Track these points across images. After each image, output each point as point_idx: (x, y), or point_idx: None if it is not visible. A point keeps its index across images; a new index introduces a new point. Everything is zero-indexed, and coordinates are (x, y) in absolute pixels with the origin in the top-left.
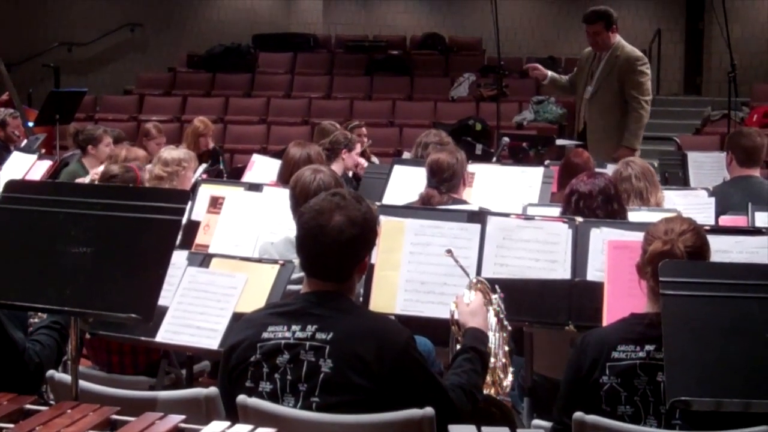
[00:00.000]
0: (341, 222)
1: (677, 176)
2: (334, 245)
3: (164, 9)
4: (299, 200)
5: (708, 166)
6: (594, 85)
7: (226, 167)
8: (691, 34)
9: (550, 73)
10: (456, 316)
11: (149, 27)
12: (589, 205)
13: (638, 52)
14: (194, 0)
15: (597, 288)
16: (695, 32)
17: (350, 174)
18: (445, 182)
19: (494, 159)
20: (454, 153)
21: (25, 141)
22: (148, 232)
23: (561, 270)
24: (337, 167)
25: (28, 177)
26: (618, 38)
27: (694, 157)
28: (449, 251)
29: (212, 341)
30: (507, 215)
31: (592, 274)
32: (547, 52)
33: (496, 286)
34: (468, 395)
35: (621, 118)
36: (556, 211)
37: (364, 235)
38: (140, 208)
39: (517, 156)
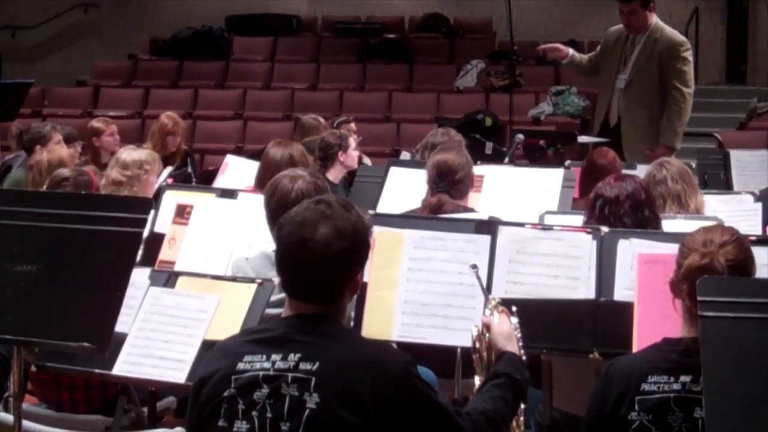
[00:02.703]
0: (328, 234)
1: (718, 178)
2: (320, 261)
3: None
4: (275, 214)
5: (754, 166)
6: (629, 73)
7: (195, 170)
8: (733, 14)
9: (571, 51)
10: (478, 344)
11: (106, 7)
12: (615, 212)
13: (680, 36)
14: None
15: (625, 309)
16: (739, 11)
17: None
18: (455, 185)
19: (506, 159)
20: (462, 152)
21: None
22: (103, 247)
23: (584, 288)
24: (335, 174)
25: None
26: (655, 19)
27: (737, 156)
28: (474, 266)
29: (179, 373)
30: (521, 225)
31: (620, 293)
32: (568, 34)
33: (513, 308)
34: (491, 425)
35: (660, 113)
36: (578, 219)
37: (355, 248)
38: (95, 219)
39: (533, 156)
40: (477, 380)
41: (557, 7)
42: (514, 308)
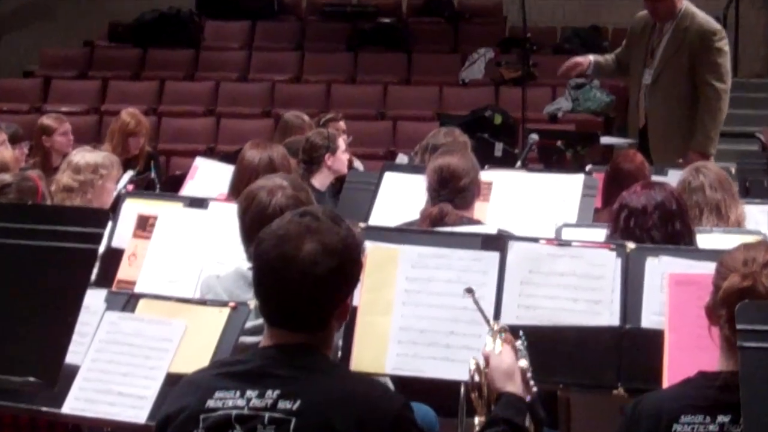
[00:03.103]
0: (314, 251)
1: (761, 185)
2: (305, 283)
3: None
4: (250, 231)
5: None
6: (656, 67)
7: (159, 175)
8: None
9: (592, 58)
10: (477, 378)
11: None
12: (642, 224)
13: (713, 23)
14: None
15: (654, 338)
16: None
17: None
18: (459, 193)
19: (518, 163)
20: (467, 156)
21: None
22: (52, 267)
23: (607, 313)
24: (321, 180)
25: None
26: (685, 4)
27: None
28: (470, 291)
29: (139, 411)
30: (535, 240)
31: (648, 319)
32: (589, 20)
33: (521, 332)
34: None
35: (692, 112)
36: (600, 233)
37: (345, 268)
38: (42, 233)
39: (550, 159)
40: (477, 421)
41: None
42: (521, 333)
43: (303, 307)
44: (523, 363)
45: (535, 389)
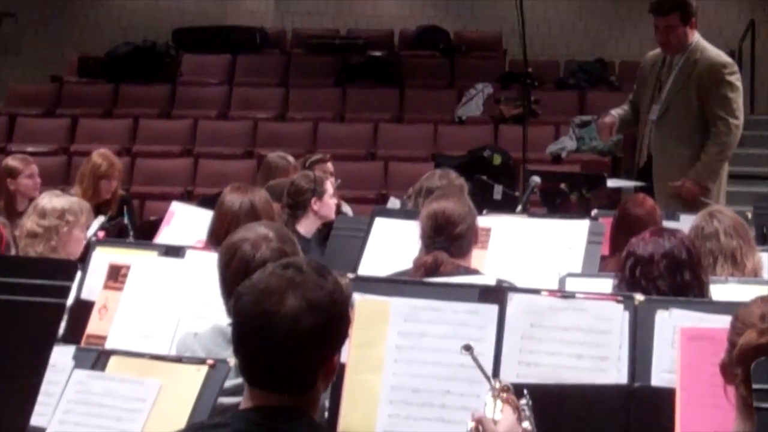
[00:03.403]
0: (298, 306)
1: None
2: (288, 341)
3: None
4: (232, 285)
5: None
6: (663, 101)
7: (133, 221)
8: None
9: (615, 113)
10: None
11: (24, 17)
12: (648, 273)
13: (724, 56)
14: None
15: (665, 397)
16: None
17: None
18: (455, 241)
19: (519, 207)
20: (463, 200)
21: None
22: (15, 323)
23: (614, 371)
24: (307, 226)
25: None
26: (697, 37)
27: None
28: (468, 348)
29: None
30: (536, 291)
31: (659, 376)
32: (595, 53)
33: (525, 391)
34: None
35: (699, 150)
36: (607, 284)
37: (331, 323)
38: (4, 286)
39: (553, 202)
40: None
41: (582, 20)
42: (525, 393)
43: (286, 367)
44: (527, 425)
45: None
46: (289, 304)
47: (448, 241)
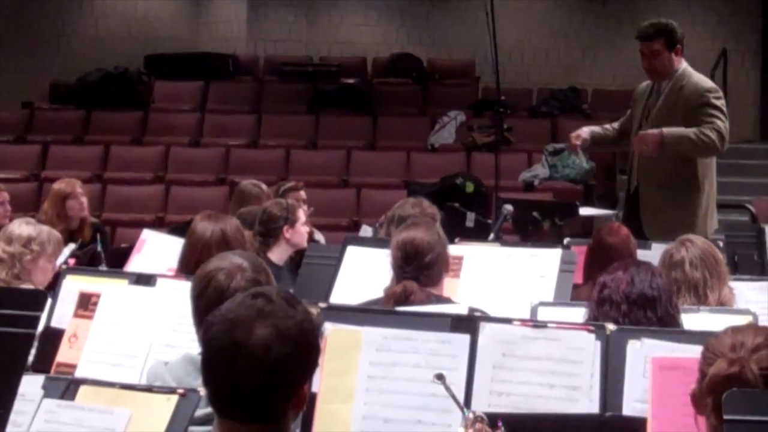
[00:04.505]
0: (267, 336)
1: (751, 260)
2: (257, 371)
3: (18, 18)
4: (205, 316)
5: None
6: (649, 127)
7: (106, 248)
8: None
9: (587, 129)
10: None
11: None
12: (619, 309)
13: (710, 82)
14: (61, 6)
15: (637, 426)
16: None
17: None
18: (425, 270)
19: (492, 235)
20: (433, 229)
21: None
22: None
23: (585, 400)
24: (279, 254)
25: None
26: (684, 64)
27: None
28: (440, 377)
29: None
30: (508, 321)
31: (630, 406)
32: (567, 81)
33: (499, 423)
34: None
35: (685, 178)
36: (579, 313)
37: (301, 354)
38: None
39: (525, 230)
40: None
41: (555, 48)
42: (499, 424)
43: (256, 397)
44: None
45: None
46: (259, 334)
47: (417, 270)
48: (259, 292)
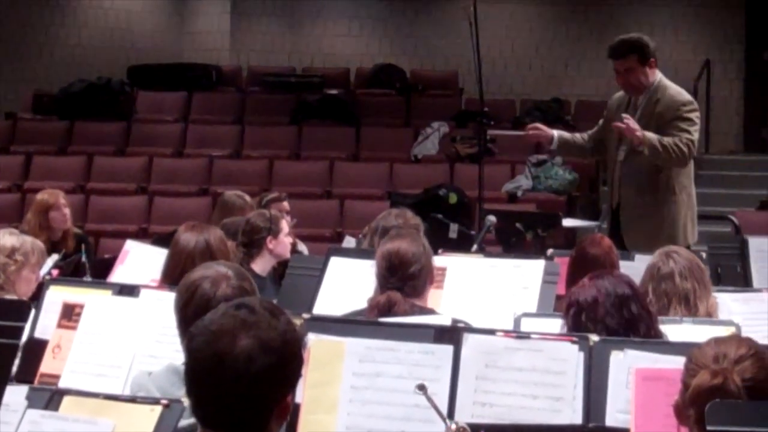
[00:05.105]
0: (250, 347)
1: (734, 272)
2: (241, 382)
3: (0, 29)
4: (191, 323)
5: None
6: (628, 142)
7: (90, 259)
8: (753, 67)
9: (556, 132)
10: None
11: None
12: (593, 316)
13: (686, 95)
14: (43, 16)
15: None
16: (759, 64)
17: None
18: (409, 281)
19: (475, 246)
20: (418, 240)
21: None
22: None
23: (568, 411)
24: (262, 264)
25: None
26: (659, 76)
27: (758, 245)
28: (422, 387)
29: None
30: (491, 332)
31: (613, 416)
32: (551, 92)
33: None
34: None
35: (665, 191)
36: (563, 324)
37: (284, 365)
38: None
39: (508, 242)
40: None
41: (538, 59)
42: None
43: (239, 408)
44: None
45: None
46: (242, 345)
47: (401, 281)
48: (242, 303)
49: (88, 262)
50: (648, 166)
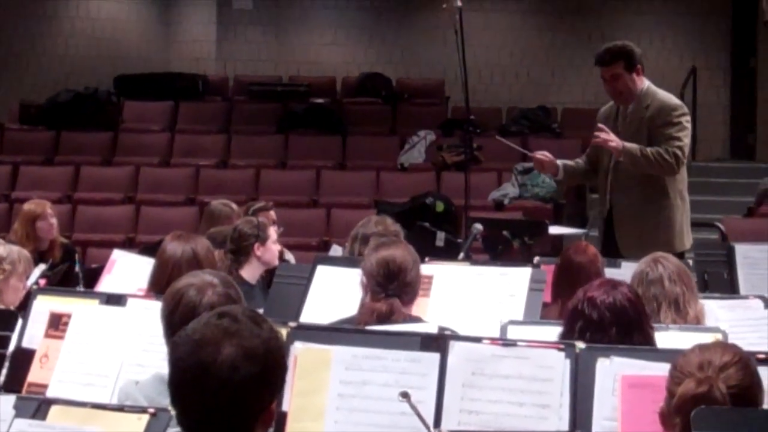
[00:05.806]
0: (233, 356)
1: (721, 278)
2: (225, 390)
3: None
4: (176, 331)
5: (765, 263)
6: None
7: (83, 269)
8: (739, 74)
9: (560, 162)
10: None
11: None
12: (599, 339)
13: (675, 100)
14: (30, 26)
15: None
16: (745, 71)
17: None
18: (406, 288)
19: (462, 254)
20: (409, 248)
21: None
22: None
23: (555, 418)
24: (251, 272)
25: None
26: (646, 83)
27: (744, 251)
28: (405, 395)
29: None
30: (477, 340)
31: (600, 424)
32: (537, 100)
33: None
34: None
35: (654, 197)
36: (549, 331)
37: (268, 372)
38: None
39: (495, 250)
40: None
41: (524, 67)
42: None
43: (224, 416)
44: None
45: None
46: (225, 354)
47: (399, 288)
48: (224, 311)
49: (81, 272)
50: (639, 175)
